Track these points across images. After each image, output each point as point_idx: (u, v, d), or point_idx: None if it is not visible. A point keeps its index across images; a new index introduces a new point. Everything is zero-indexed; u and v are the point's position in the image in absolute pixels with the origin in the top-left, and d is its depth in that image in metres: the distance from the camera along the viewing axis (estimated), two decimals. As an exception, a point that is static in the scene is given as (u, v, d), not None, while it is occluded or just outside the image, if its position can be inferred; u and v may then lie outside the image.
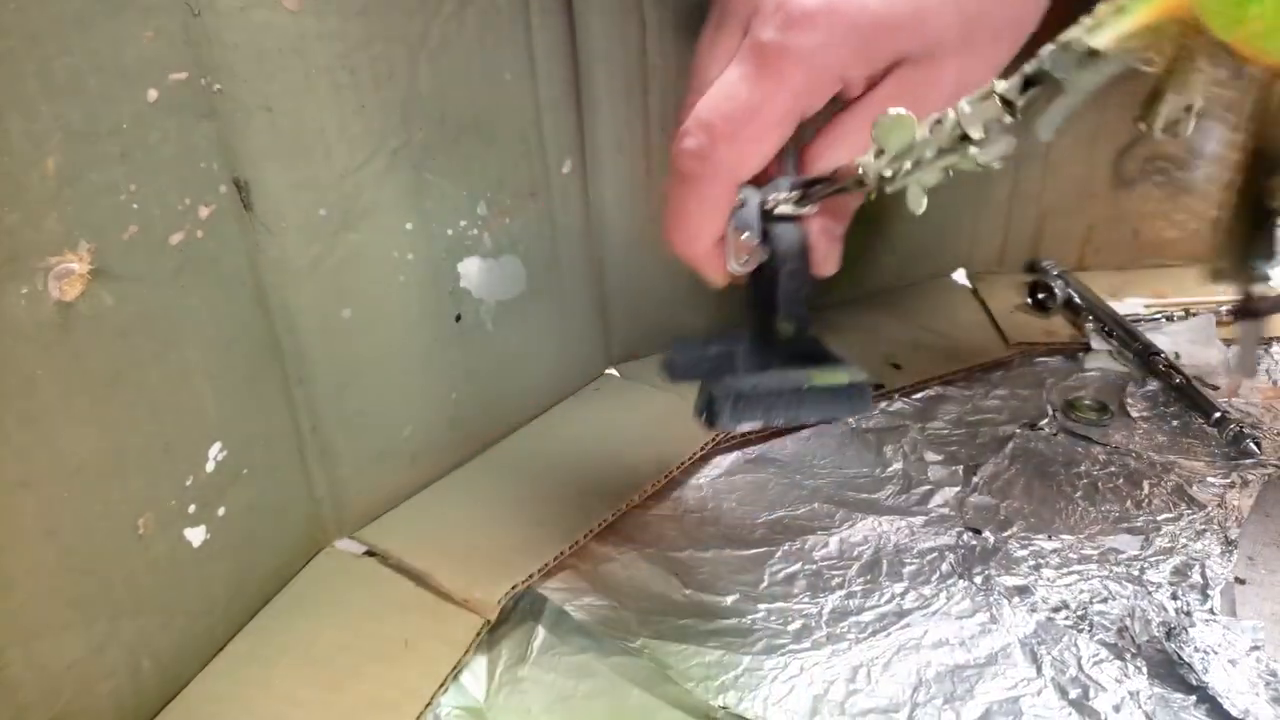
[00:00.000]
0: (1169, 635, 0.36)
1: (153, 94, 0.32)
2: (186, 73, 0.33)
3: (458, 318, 0.46)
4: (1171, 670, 0.35)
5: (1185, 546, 0.41)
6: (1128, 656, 0.36)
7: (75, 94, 0.29)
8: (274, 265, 0.38)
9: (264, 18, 0.34)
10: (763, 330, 0.36)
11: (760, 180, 0.36)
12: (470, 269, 0.46)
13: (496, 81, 0.43)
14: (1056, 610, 0.39)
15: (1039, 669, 0.36)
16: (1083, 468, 0.47)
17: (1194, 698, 0.34)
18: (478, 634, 0.38)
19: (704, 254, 0.36)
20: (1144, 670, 0.36)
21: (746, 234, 0.35)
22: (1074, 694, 0.35)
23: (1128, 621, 0.38)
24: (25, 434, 0.30)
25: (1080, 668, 0.36)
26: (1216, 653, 0.36)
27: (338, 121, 0.38)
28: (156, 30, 0.32)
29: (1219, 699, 0.34)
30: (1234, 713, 0.33)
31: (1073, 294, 0.60)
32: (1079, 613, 0.38)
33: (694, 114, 0.35)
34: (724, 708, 0.35)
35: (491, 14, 0.42)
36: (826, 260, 0.37)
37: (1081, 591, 0.39)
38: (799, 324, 0.35)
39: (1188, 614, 0.38)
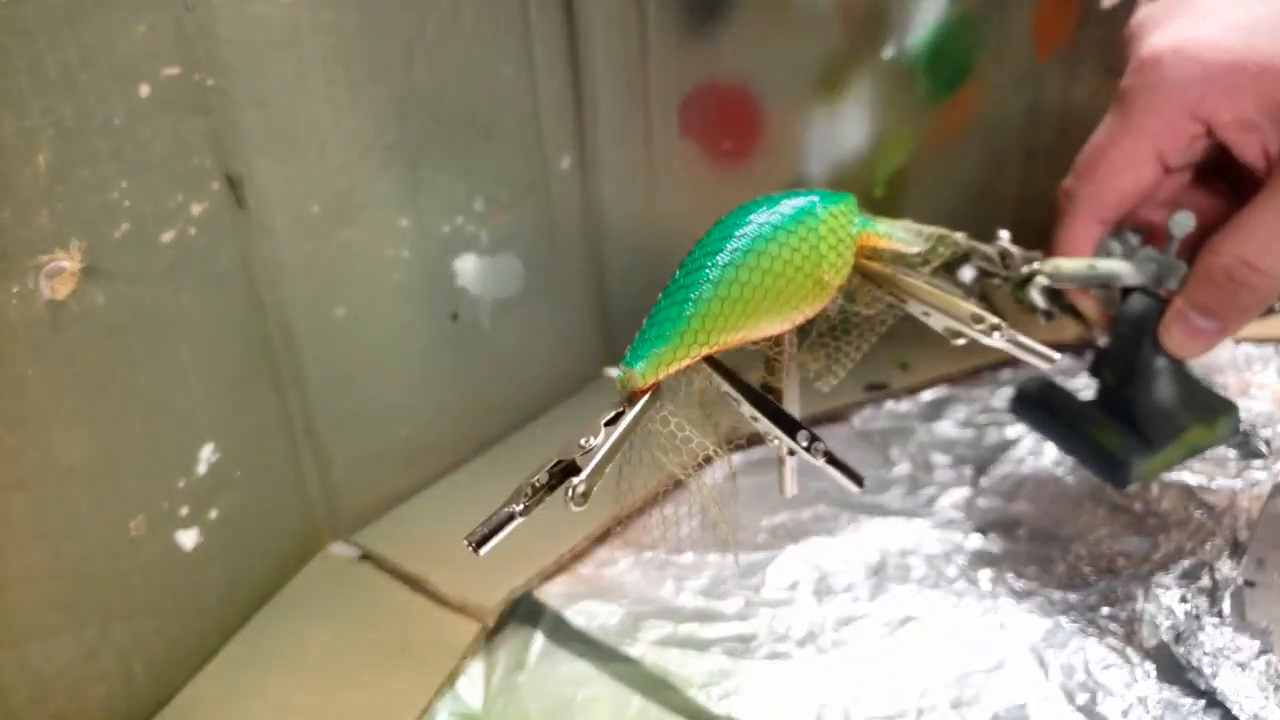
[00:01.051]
0: (1178, 639, 0.36)
1: (145, 89, 0.31)
2: (179, 68, 0.32)
3: (454, 316, 0.45)
4: (1180, 674, 0.35)
5: (1194, 549, 0.41)
6: (1135, 661, 0.36)
7: (67, 90, 0.29)
8: (267, 263, 0.37)
9: (258, 11, 0.34)
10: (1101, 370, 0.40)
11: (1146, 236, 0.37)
12: (467, 266, 0.45)
13: (494, 76, 0.43)
14: (1064, 614, 0.38)
15: (1046, 674, 0.36)
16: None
17: (1203, 702, 0.34)
18: (475, 639, 0.38)
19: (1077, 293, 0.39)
20: (1152, 675, 0.35)
21: (1095, 289, 0.39)
22: (1081, 699, 0.34)
23: (1136, 625, 0.37)
24: (15, 435, 0.29)
25: (1088, 672, 0.35)
26: (1226, 656, 0.35)
27: (332, 117, 0.37)
28: (149, 25, 0.31)
29: (1228, 703, 0.33)
30: (1243, 718, 0.33)
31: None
32: (1087, 617, 0.38)
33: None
34: (726, 715, 0.35)
35: (489, 8, 0.42)
36: (1175, 344, 0.36)
37: (1089, 595, 0.39)
38: (1120, 380, 0.39)
39: (1196, 617, 0.37)
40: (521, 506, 0.25)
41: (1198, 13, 0.34)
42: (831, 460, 0.28)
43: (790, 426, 0.28)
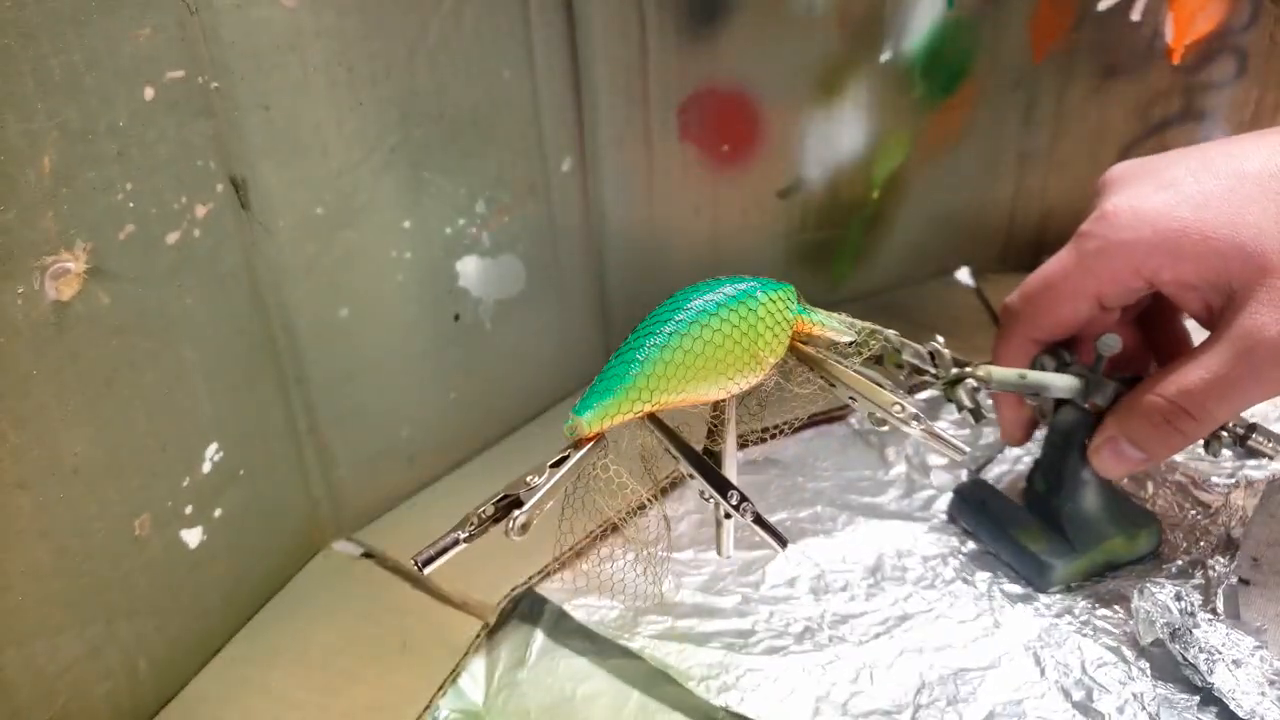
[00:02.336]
0: (1173, 636, 0.36)
1: (149, 92, 0.32)
2: (183, 71, 0.33)
3: (456, 317, 0.46)
4: (1176, 671, 0.35)
5: (1189, 547, 0.41)
6: (1131, 659, 0.36)
7: (71, 92, 0.29)
8: (271, 264, 0.38)
9: (261, 15, 0.34)
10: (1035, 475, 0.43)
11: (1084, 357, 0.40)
12: (469, 268, 0.45)
13: (495, 79, 0.43)
14: (1060, 615, 0.38)
15: (1042, 671, 0.36)
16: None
17: (1198, 698, 0.34)
18: (476, 637, 0.38)
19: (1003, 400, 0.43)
20: (1148, 672, 0.35)
21: (1028, 397, 0.41)
22: (1078, 696, 0.35)
23: (1131, 623, 0.37)
24: (21, 434, 0.30)
25: (1084, 670, 0.36)
26: (1221, 653, 0.35)
27: (335, 119, 0.38)
28: (153, 28, 0.31)
29: (1224, 700, 0.33)
30: (1240, 713, 0.33)
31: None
32: (1082, 617, 0.38)
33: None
34: (725, 708, 0.35)
35: (490, 11, 0.42)
36: (1101, 464, 0.38)
37: (1085, 594, 0.39)
38: (1049, 487, 0.41)
39: (1191, 615, 0.37)
40: (467, 534, 0.28)
41: (1162, 180, 0.37)
42: (758, 520, 0.31)
43: (722, 487, 0.30)
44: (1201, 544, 0.41)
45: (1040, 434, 0.43)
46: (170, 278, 0.34)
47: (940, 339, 0.38)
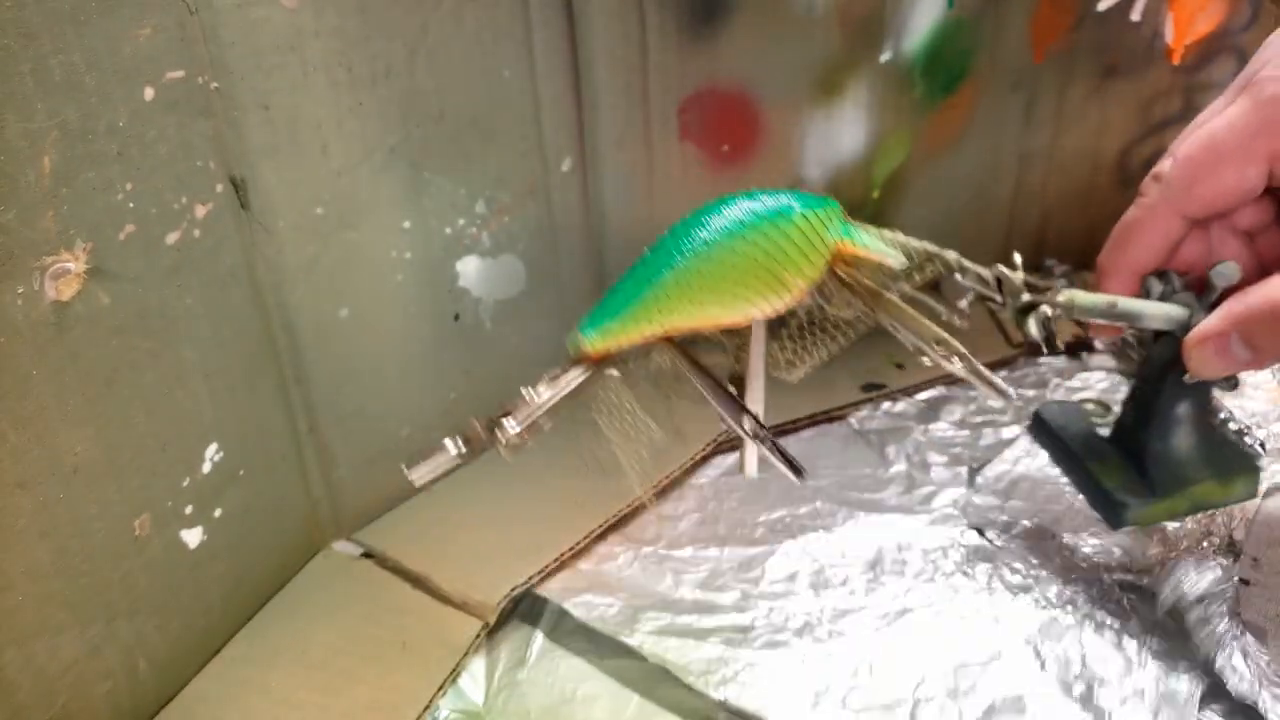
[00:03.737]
0: (1174, 636, 0.36)
1: (149, 92, 0.32)
2: (183, 70, 0.33)
3: (456, 317, 0.46)
4: (1175, 668, 0.35)
5: (1189, 547, 0.41)
6: (1132, 654, 0.36)
7: (71, 92, 0.29)
8: (271, 264, 0.38)
9: (261, 14, 0.34)
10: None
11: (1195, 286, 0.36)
12: (469, 268, 0.45)
13: (495, 78, 0.43)
14: (1060, 609, 0.38)
15: (1043, 665, 0.36)
16: (1086, 467, 0.47)
17: (1199, 693, 0.34)
18: (476, 637, 0.38)
19: (1119, 283, 0.36)
20: (1149, 667, 0.35)
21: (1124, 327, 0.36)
22: (1078, 690, 0.35)
23: (1133, 621, 0.37)
24: (21, 434, 0.30)
25: (1084, 664, 0.36)
26: (1222, 647, 0.35)
27: (335, 119, 0.38)
28: (153, 28, 0.31)
29: (1223, 697, 0.33)
30: (1239, 710, 0.33)
31: (1076, 293, 0.60)
32: (1083, 611, 0.38)
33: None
34: (724, 702, 0.35)
35: (490, 11, 0.42)
36: (1198, 360, 0.34)
37: (1085, 591, 0.39)
38: (1136, 421, 0.38)
39: (1191, 614, 0.37)
40: (458, 448, 0.27)
41: None
42: (774, 447, 0.29)
43: (737, 412, 0.28)
44: (1203, 544, 0.41)
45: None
46: (170, 278, 0.34)
47: (1017, 257, 0.34)
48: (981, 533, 0.43)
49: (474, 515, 0.45)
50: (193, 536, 0.36)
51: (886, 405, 0.53)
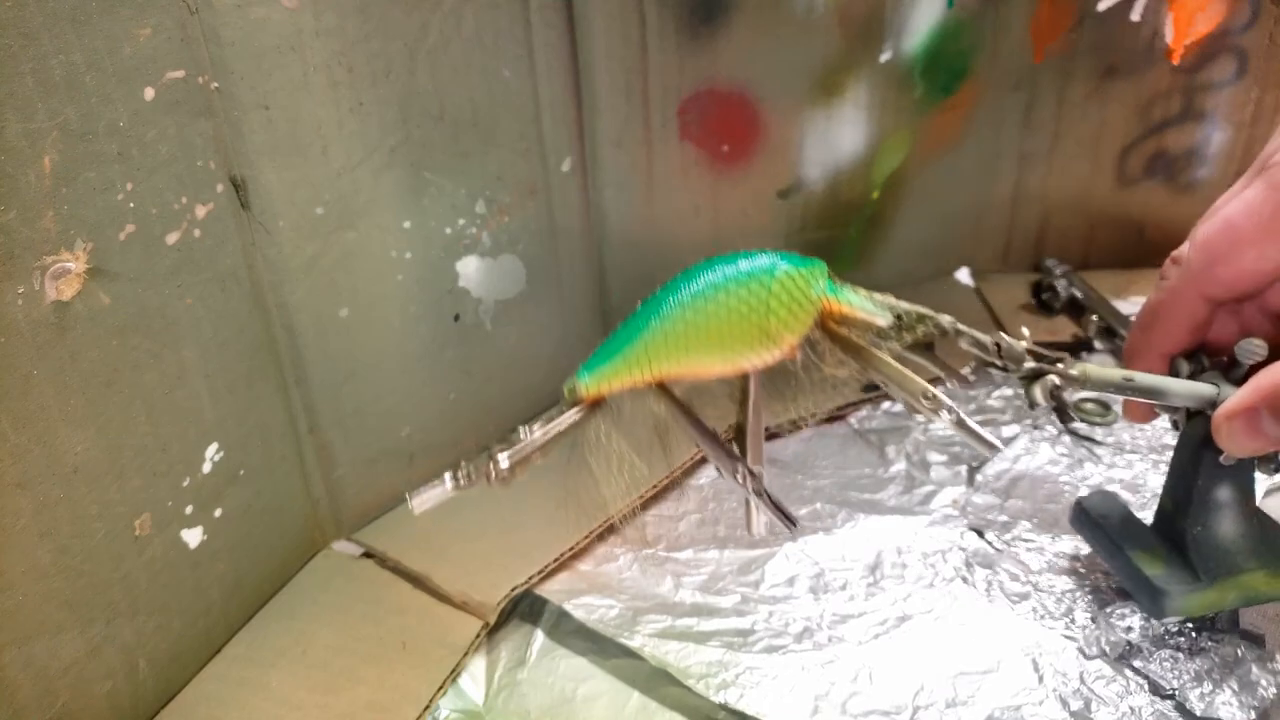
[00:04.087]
0: (1170, 643, 0.36)
1: (150, 92, 0.32)
2: (184, 71, 0.33)
3: (456, 317, 0.46)
4: (1169, 683, 0.35)
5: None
6: (1129, 674, 0.36)
7: (72, 92, 0.29)
8: (271, 264, 0.38)
9: (261, 15, 0.34)
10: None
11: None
12: (469, 268, 0.45)
13: (495, 79, 0.43)
14: (1058, 620, 0.38)
15: (1041, 678, 0.36)
16: (1086, 468, 0.47)
17: (1193, 714, 0.34)
18: (476, 636, 0.38)
19: (1146, 365, 0.36)
20: (1145, 687, 0.35)
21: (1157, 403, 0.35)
22: (1075, 705, 0.34)
23: (1129, 631, 0.37)
24: (21, 434, 0.30)
25: (1082, 680, 0.35)
26: (1220, 658, 0.35)
27: (335, 119, 0.38)
28: (154, 28, 0.31)
29: (1219, 713, 0.33)
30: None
31: (1076, 293, 0.60)
32: (1081, 625, 0.38)
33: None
34: (724, 705, 0.35)
35: (491, 11, 0.42)
36: (1228, 436, 0.32)
37: (1084, 596, 0.39)
38: (1176, 506, 0.37)
39: (1189, 621, 0.37)
40: (455, 480, 0.29)
41: None
42: (762, 495, 0.30)
43: (730, 461, 0.30)
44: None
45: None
46: (170, 278, 0.34)
47: (1026, 331, 0.34)
48: (981, 534, 0.43)
49: (474, 516, 0.45)
50: (193, 536, 0.36)
51: (886, 405, 0.53)
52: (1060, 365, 0.33)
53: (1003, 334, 0.33)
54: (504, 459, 0.28)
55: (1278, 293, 0.34)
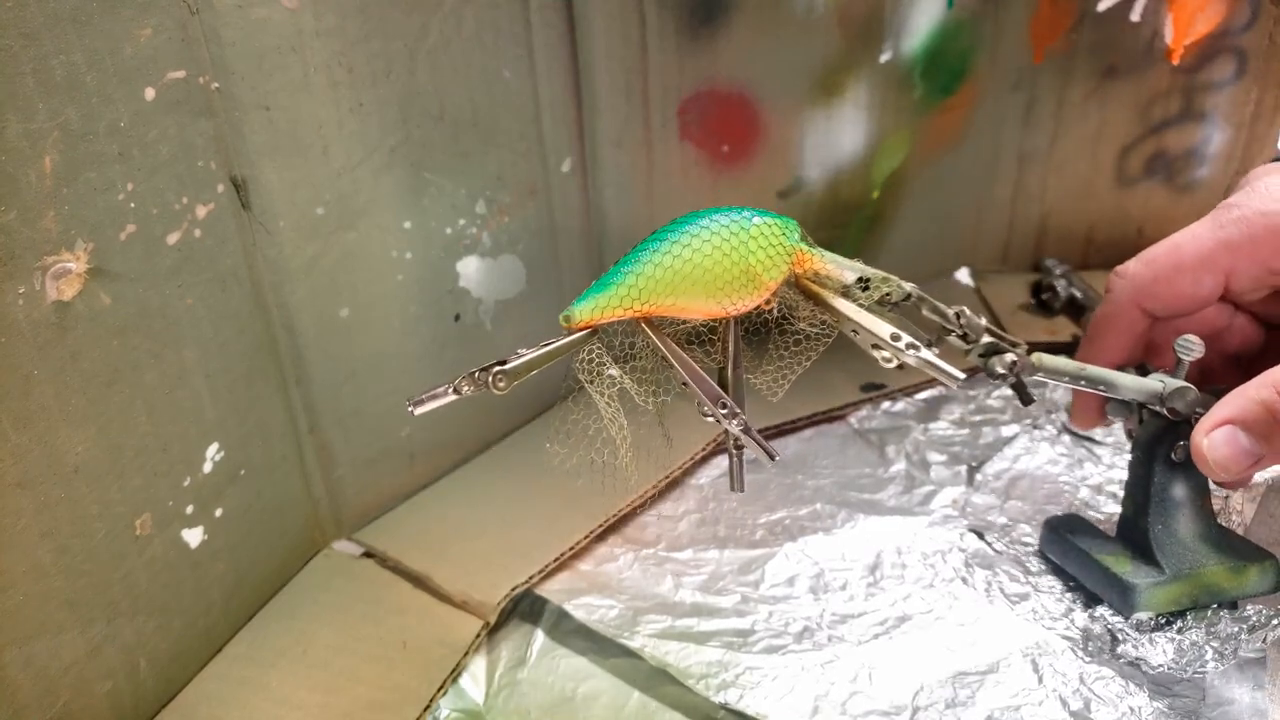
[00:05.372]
0: (1172, 642, 0.36)
1: (150, 93, 0.32)
2: (184, 71, 0.33)
3: (456, 317, 0.46)
4: (1173, 683, 0.35)
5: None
6: (1129, 673, 0.36)
7: (72, 92, 0.29)
8: (271, 264, 0.38)
9: (262, 15, 0.34)
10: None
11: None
12: (469, 268, 0.45)
13: (496, 79, 0.43)
14: (1057, 620, 0.38)
15: (1041, 679, 0.36)
16: (1086, 468, 0.47)
17: (1195, 707, 0.34)
18: (477, 636, 0.38)
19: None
20: (1145, 688, 0.35)
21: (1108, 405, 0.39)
22: (1075, 706, 0.34)
23: (1129, 630, 0.37)
24: (22, 434, 0.30)
25: (1082, 681, 0.35)
26: (1221, 658, 0.35)
27: (335, 119, 0.38)
28: (154, 28, 0.31)
29: (1221, 708, 0.33)
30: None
31: (1076, 293, 0.60)
32: (1080, 626, 0.38)
33: None
34: (724, 705, 0.35)
35: (491, 12, 0.42)
36: (1211, 448, 0.34)
37: (1083, 603, 0.39)
38: (1135, 508, 0.38)
39: (1189, 618, 0.37)
40: (454, 387, 0.31)
41: None
42: (747, 431, 0.32)
43: (714, 396, 0.32)
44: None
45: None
46: (171, 278, 0.34)
47: (967, 310, 0.35)
48: (981, 535, 0.43)
49: (474, 515, 0.45)
50: (194, 536, 0.36)
51: (886, 405, 0.53)
52: (1018, 349, 0.35)
53: (964, 308, 0.35)
54: (503, 372, 0.31)
55: (1210, 315, 0.37)
